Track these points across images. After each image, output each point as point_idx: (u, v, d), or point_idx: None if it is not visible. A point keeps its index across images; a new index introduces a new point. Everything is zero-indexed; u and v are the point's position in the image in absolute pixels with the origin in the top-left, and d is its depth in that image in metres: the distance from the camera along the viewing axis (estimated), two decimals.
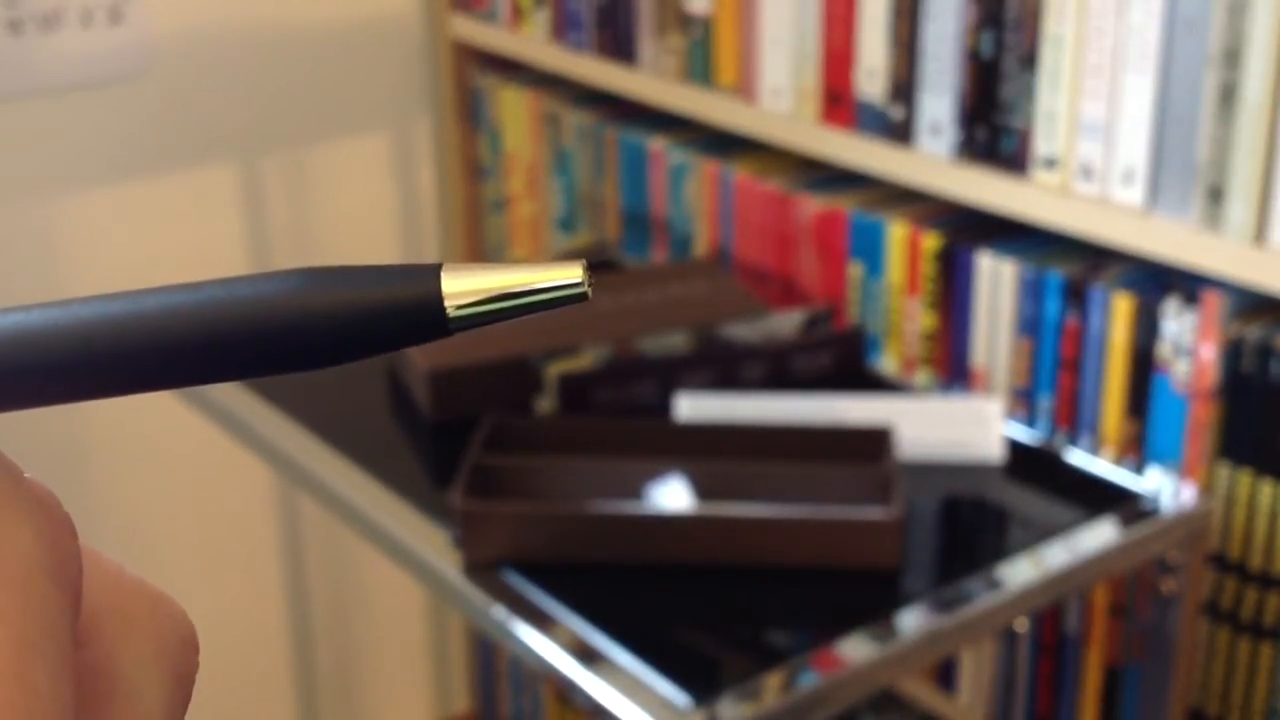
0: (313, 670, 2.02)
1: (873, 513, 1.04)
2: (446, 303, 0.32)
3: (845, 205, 1.36)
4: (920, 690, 1.38)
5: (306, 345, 0.31)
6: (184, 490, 1.83)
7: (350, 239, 1.87)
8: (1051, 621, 1.27)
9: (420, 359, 1.26)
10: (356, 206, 1.86)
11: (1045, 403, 1.24)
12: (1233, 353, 1.10)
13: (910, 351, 1.34)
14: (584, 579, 1.04)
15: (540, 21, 1.66)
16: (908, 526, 1.08)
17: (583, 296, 0.32)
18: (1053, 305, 1.21)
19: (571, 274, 0.32)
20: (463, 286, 0.32)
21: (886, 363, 1.36)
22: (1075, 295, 1.19)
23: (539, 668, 1.00)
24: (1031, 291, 1.22)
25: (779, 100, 1.39)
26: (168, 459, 1.81)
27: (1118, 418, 1.18)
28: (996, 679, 1.32)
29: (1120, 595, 1.22)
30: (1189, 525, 1.13)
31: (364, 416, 1.30)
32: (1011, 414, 1.26)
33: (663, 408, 1.24)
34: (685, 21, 1.47)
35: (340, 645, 2.03)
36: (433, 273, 0.32)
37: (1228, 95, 1.05)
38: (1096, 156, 1.14)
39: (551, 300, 0.33)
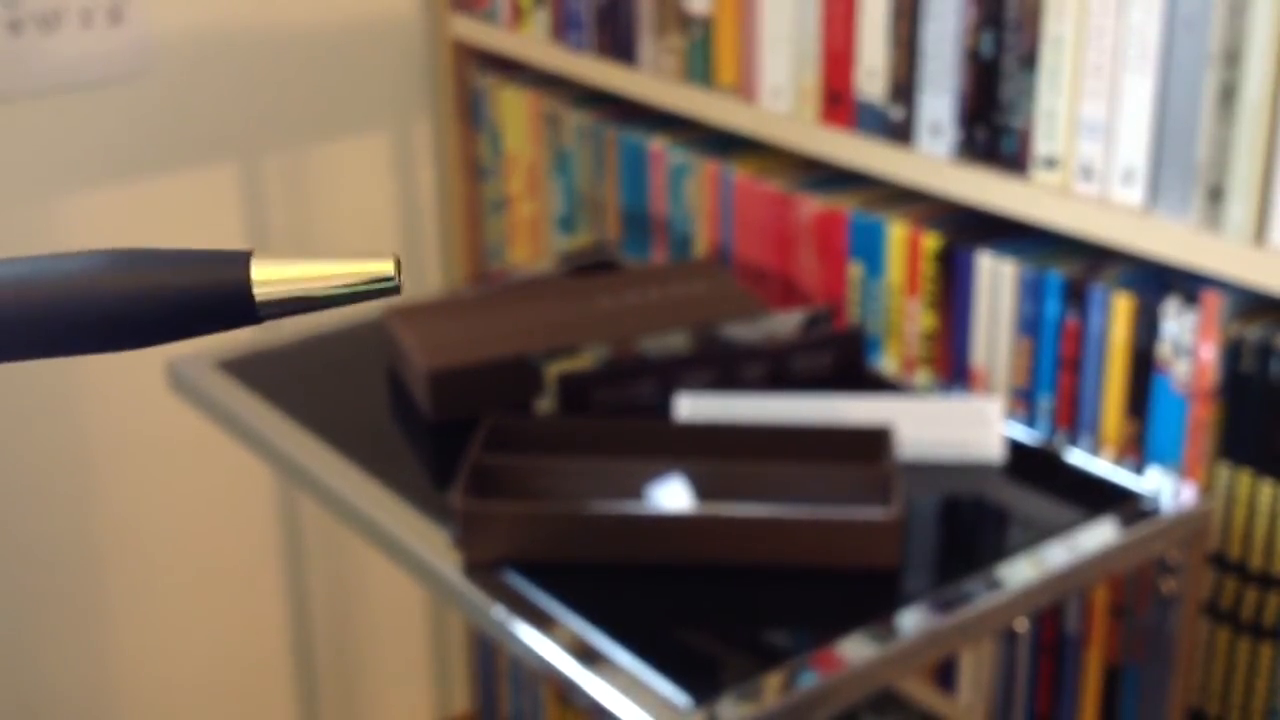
0: (313, 670, 2.02)
1: (873, 513, 1.04)
2: (255, 290, 0.31)
3: (845, 205, 1.36)
4: (920, 690, 1.38)
5: (117, 325, 0.31)
6: (184, 490, 1.83)
7: (350, 239, 1.87)
8: (1051, 621, 1.27)
9: (420, 359, 1.26)
10: (356, 206, 1.86)
11: (1045, 403, 1.24)
12: (1233, 353, 1.10)
13: (910, 351, 1.34)
14: (584, 579, 1.04)
15: (540, 21, 1.66)
16: (908, 526, 1.08)
17: (395, 290, 0.32)
18: (1053, 305, 1.21)
19: (382, 268, 0.32)
20: (271, 275, 0.31)
21: (886, 363, 1.36)
22: (1075, 295, 1.19)
23: (539, 668, 1.00)
24: (1031, 291, 1.22)
25: (779, 100, 1.39)
26: (168, 459, 1.81)
27: (1118, 418, 1.18)
28: (996, 679, 1.32)
29: (1120, 595, 1.22)
30: (1189, 525, 1.13)
31: (364, 416, 1.30)
32: (1011, 414, 1.26)
33: (663, 408, 1.24)
34: (685, 21, 1.47)
35: (340, 645, 2.03)
36: (242, 260, 0.32)
37: (1228, 95, 1.05)
38: (1096, 156, 1.14)
39: (362, 293, 0.33)
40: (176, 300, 0.31)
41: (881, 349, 1.36)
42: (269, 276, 0.32)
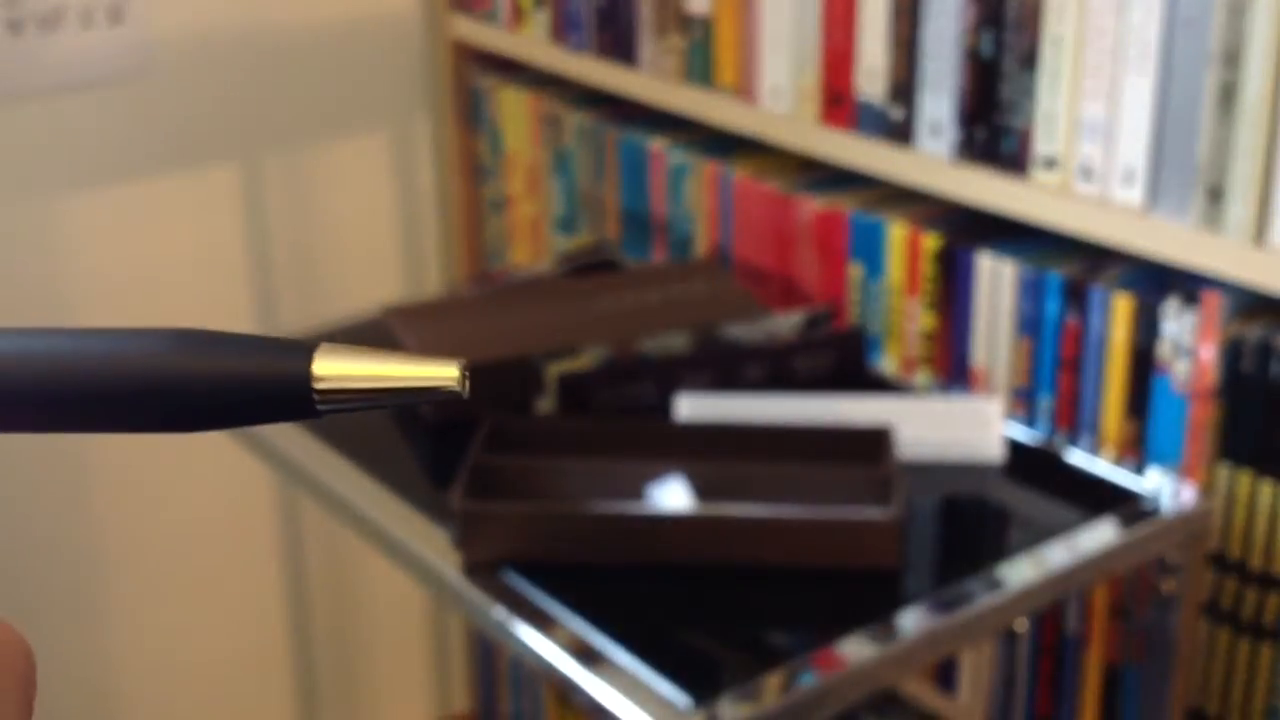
0: (313, 670, 2.02)
1: (873, 513, 1.04)
2: (315, 384, 0.31)
3: (845, 205, 1.36)
4: (920, 690, 1.38)
5: (172, 409, 0.30)
6: (184, 491, 1.83)
7: (350, 239, 1.87)
8: (1051, 621, 1.27)
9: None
10: (356, 206, 1.86)
11: (1045, 403, 1.24)
12: (1233, 353, 1.10)
13: (910, 351, 1.34)
14: (584, 579, 1.04)
15: (540, 22, 1.66)
16: (908, 526, 1.08)
17: (457, 396, 0.31)
18: (1053, 305, 1.21)
19: (448, 373, 0.31)
20: (333, 370, 0.31)
21: (886, 363, 1.36)
22: (1075, 295, 1.19)
23: (539, 668, 1.00)
24: (1031, 291, 1.22)
25: (779, 100, 1.39)
26: (168, 459, 1.81)
27: (1118, 418, 1.18)
28: (996, 679, 1.32)
29: (1120, 595, 1.22)
30: (1189, 525, 1.13)
31: (364, 416, 1.30)
32: (1011, 414, 1.26)
33: (663, 408, 1.24)
34: (685, 21, 1.47)
35: (340, 645, 2.03)
36: (305, 352, 0.31)
37: (1228, 95, 1.05)
38: (1096, 156, 1.14)
39: (424, 397, 0.32)
40: (239, 391, 0.31)
41: (881, 349, 1.36)
42: (330, 372, 0.31)
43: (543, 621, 1.01)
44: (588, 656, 0.97)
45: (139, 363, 0.30)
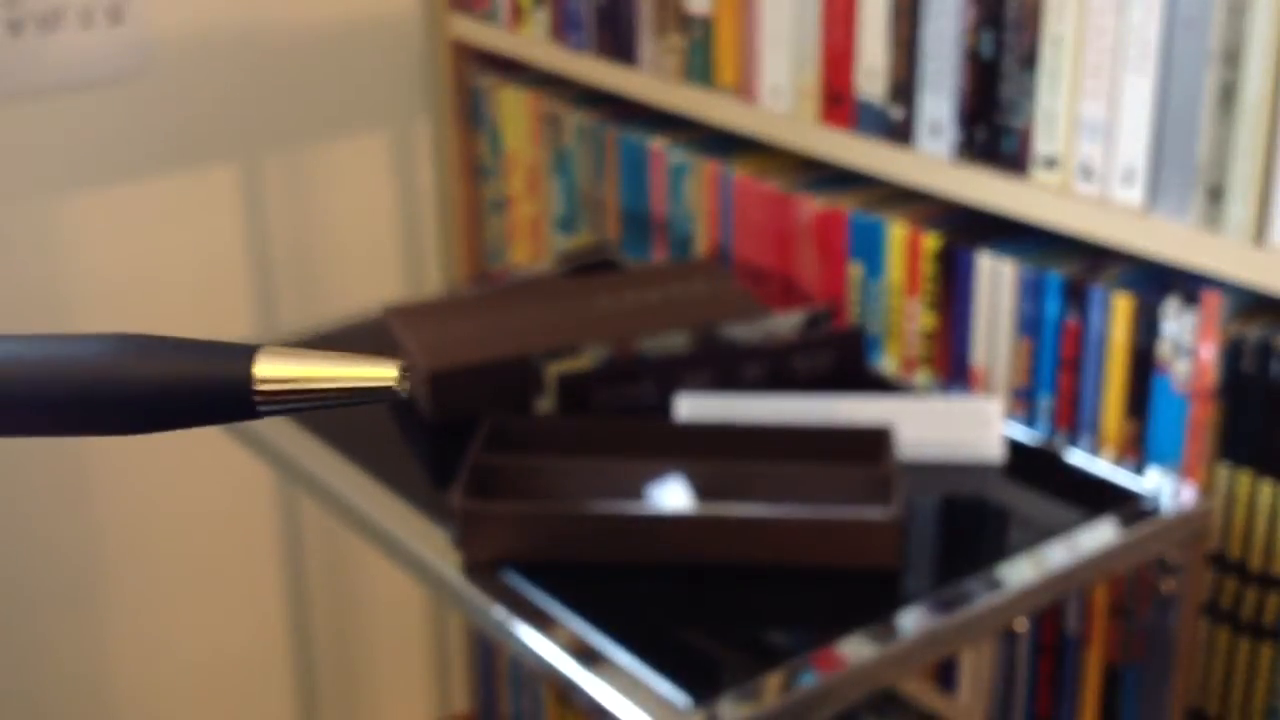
0: (313, 670, 2.02)
1: (873, 513, 1.04)
2: (256, 386, 0.31)
3: (845, 205, 1.36)
4: (920, 690, 1.38)
5: (116, 412, 0.30)
6: (184, 490, 1.83)
7: (350, 239, 1.87)
8: (1051, 621, 1.27)
9: (420, 359, 1.26)
10: (356, 206, 1.86)
11: (1045, 403, 1.24)
12: (1233, 353, 1.10)
13: (910, 351, 1.34)
14: (584, 579, 1.04)
15: (540, 21, 1.66)
16: (908, 526, 1.08)
17: (396, 395, 0.32)
18: (1053, 305, 1.21)
19: (386, 373, 0.32)
20: (274, 373, 0.31)
21: (886, 363, 1.36)
22: (1075, 295, 1.19)
23: (539, 668, 1.00)
24: (1031, 291, 1.22)
25: (779, 100, 1.39)
26: (168, 459, 1.81)
27: (1118, 418, 1.18)
28: (996, 679, 1.32)
29: (1120, 595, 1.22)
30: (1189, 525, 1.13)
31: (364, 416, 1.30)
32: (1011, 414, 1.26)
33: (663, 408, 1.24)
34: (685, 21, 1.47)
35: (340, 645, 2.03)
36: (246, 355, 0.31)
37: (1228, 95, 1.05)
38: (1096, 156, 1.14)
39: (365, 397, 0.32)
40: (178, 392, 0.31)
41: (881, 349, 1.36)
42: (270, 374, 0.32)
43: (543, 621, 1.01)
44: (588, 656, 0.97)
45: (83, 367, 0.31)
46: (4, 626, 1.76)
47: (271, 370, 0.32)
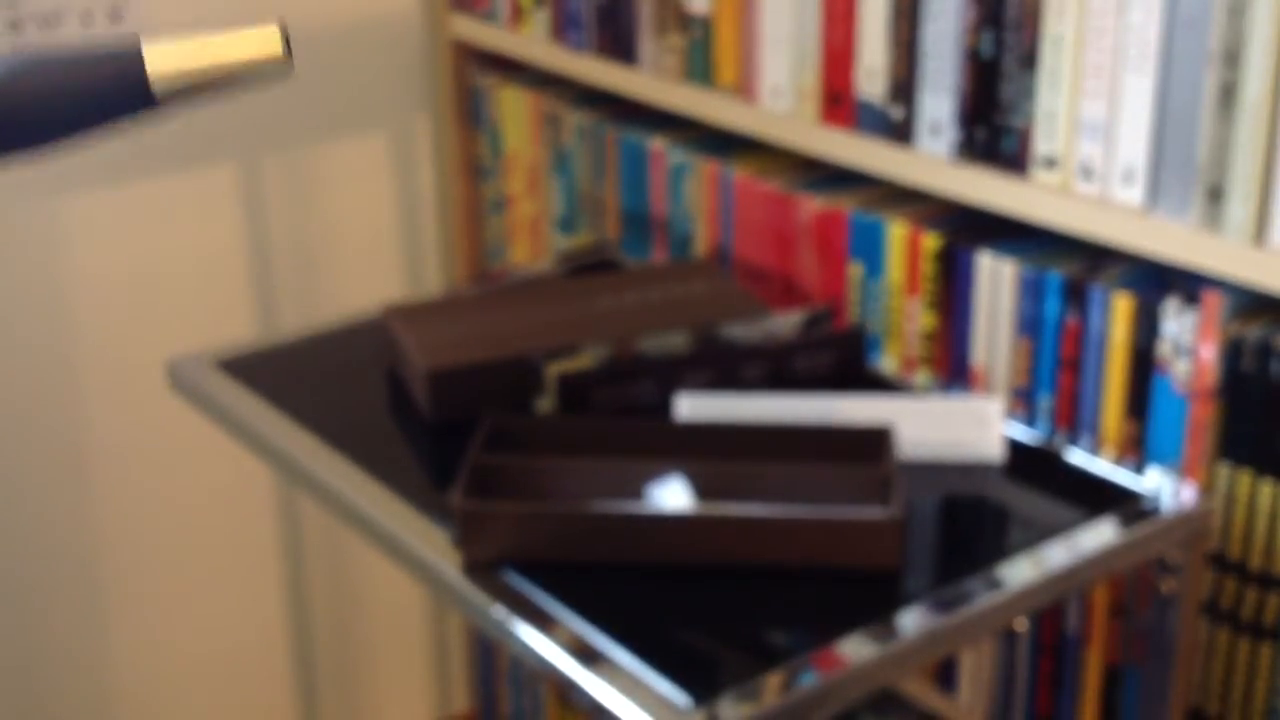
0: (313, 670, 2.02)
1: (873, 513, 1.04)
2: (149, 71, 0.31)
3: (845, 205, 1.36)
4: (920, 690, 1.38)
5: (19, 127, 0.31)
6: (184, 490, 1.83)
7: (350, 238, 1.87)
8: (1051, 621, 1.27)
9: (420, 359, 1.26)
10: (356, 206, 1.86)
11: (1045, 403, 1.24)
12: (1233, 353, 1.10)
13: (910, 351, 1.34)
14: (584, 579, 1.04)
15: (540, 21, 1.66)
16: (908, 526, 1.08)
17: (283, 63, 0.33)
18: (1053, 305, 1.21)
19: (268, 33, 0.32)
20: (164, 58, 0.31)
21: (886, 363, 1.36)
22: (1075, 295, 1.19)
23: (539, 668, 1.00)
24: (1031, 291, 1.22)
25: (779, 100, 1.39)
26: (168, 459, 1.81)
27: (1118, 418, 1.18)
28: (996, 679, 1.32)
29: (1120, 595, 1.22)
30: (1189, 525, 1.13)
31: (364, 416, 1.30)
32: (1011, 414, 1.26)
33: (663, 408, 1.24)
34: (685, 21, 1.47)
35: (340, 645, 2.03)
36: (133, 46, 0.32)
37: (1228, 95, 1.05)
38: (1096, 156, 1.14)
39: (252, 66, 0.33)
40: (78, 93, 0.32)
41: (881, 349, 1.36)
42: (162, 60, 0.32)
43: (542, 621, 1.01)
44: (588, 656, 0.97)
45: None
46: (4, 625, 1.76)
47: (161, 56, 0.33)
